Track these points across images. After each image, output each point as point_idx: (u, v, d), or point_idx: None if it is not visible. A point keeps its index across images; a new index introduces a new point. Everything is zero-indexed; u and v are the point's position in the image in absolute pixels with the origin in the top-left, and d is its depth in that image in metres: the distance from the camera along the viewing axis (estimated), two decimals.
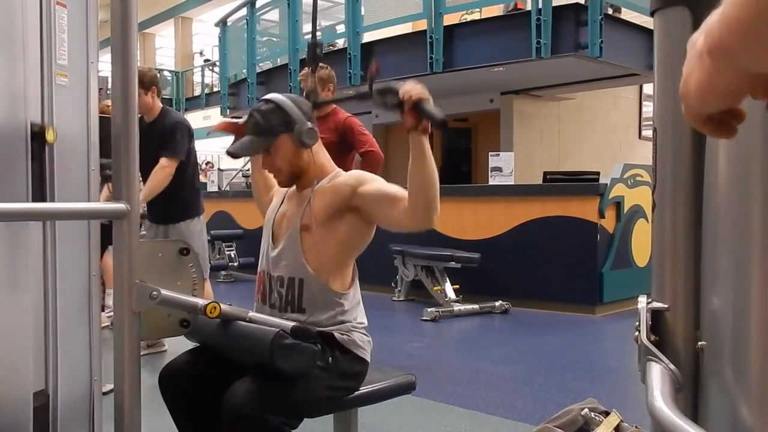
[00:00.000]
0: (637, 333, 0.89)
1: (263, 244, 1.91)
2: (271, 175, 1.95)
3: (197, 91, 16.53)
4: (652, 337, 0.89)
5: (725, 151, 0.77)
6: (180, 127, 3.69)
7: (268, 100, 1.82)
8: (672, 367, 0.84)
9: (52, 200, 1.43)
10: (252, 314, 1.68)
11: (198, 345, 1.82)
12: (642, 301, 0.92)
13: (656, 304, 0.91)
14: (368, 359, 1.81)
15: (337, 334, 1.74)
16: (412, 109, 1.53)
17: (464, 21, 7.40)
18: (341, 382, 1.75)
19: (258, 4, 9.33)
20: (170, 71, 17.24)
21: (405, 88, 1.54)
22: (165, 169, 3.55)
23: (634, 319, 0.91)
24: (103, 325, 2.07)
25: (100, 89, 1.74)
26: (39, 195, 1.40)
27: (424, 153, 1.58)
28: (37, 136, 1.39)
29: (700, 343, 0.85)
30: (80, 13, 1.53)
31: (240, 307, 1.68)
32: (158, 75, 3.93)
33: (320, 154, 1.87)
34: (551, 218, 5.61)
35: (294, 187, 1.90)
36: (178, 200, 3.72)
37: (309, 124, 1.79)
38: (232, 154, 1.81)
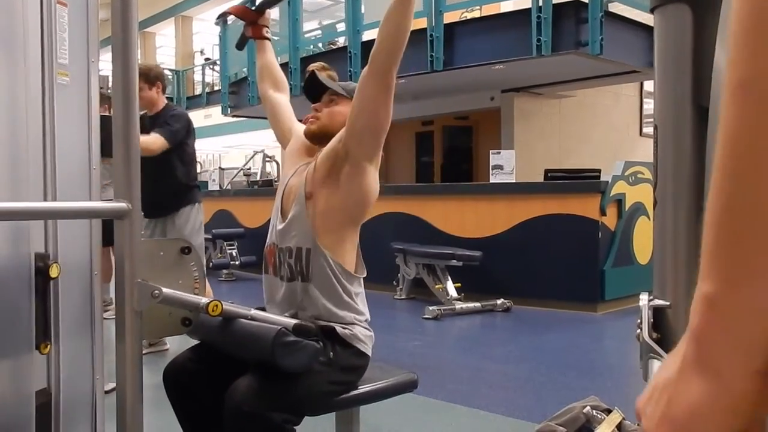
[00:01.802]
0: (638, 331, 0.89)
1: (273, 217, 1.94)
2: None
3: (198, 90, 16.53)
4: (654, 335, 0.89)
5: None
6: (179, 117, 3.74)
7: None
8: None
9: (54, 199, 1.44)
10: (254, 312, 1.68)
11: (200, 342, 1.82)
12: (643, 298, 0.92)
13: (658, 302, 0.91)
14: (369, 353, 1.82)
15: (338, 328, 1.74)
16: None
17: (464, 19, 7.39)
18: (342, 377, 1.75)
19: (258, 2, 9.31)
20: (171, 70, 17.24)
21: None
22: (153, 142, 3.47)
23: (636, 317, 0.91)
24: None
25: (101, 87, 1.75)
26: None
27: None
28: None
29: None
30: (81, 12, 1.53)
31: (242, 305, 1.68)
32: (164, 72, 3.95)
33: None
34: (552, 216, 5.61)
35: (306, 156, 1.96)
36: (171, 195, 3.75)
37: None
38: (315, 75, 1.91)
